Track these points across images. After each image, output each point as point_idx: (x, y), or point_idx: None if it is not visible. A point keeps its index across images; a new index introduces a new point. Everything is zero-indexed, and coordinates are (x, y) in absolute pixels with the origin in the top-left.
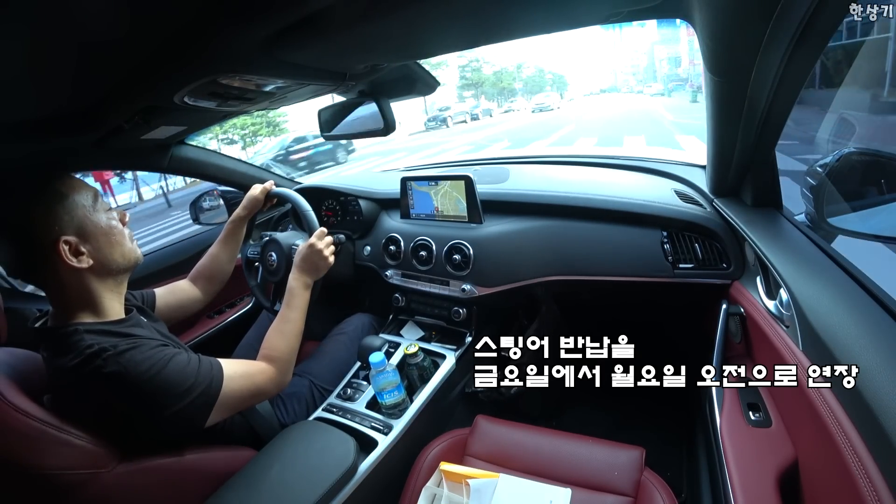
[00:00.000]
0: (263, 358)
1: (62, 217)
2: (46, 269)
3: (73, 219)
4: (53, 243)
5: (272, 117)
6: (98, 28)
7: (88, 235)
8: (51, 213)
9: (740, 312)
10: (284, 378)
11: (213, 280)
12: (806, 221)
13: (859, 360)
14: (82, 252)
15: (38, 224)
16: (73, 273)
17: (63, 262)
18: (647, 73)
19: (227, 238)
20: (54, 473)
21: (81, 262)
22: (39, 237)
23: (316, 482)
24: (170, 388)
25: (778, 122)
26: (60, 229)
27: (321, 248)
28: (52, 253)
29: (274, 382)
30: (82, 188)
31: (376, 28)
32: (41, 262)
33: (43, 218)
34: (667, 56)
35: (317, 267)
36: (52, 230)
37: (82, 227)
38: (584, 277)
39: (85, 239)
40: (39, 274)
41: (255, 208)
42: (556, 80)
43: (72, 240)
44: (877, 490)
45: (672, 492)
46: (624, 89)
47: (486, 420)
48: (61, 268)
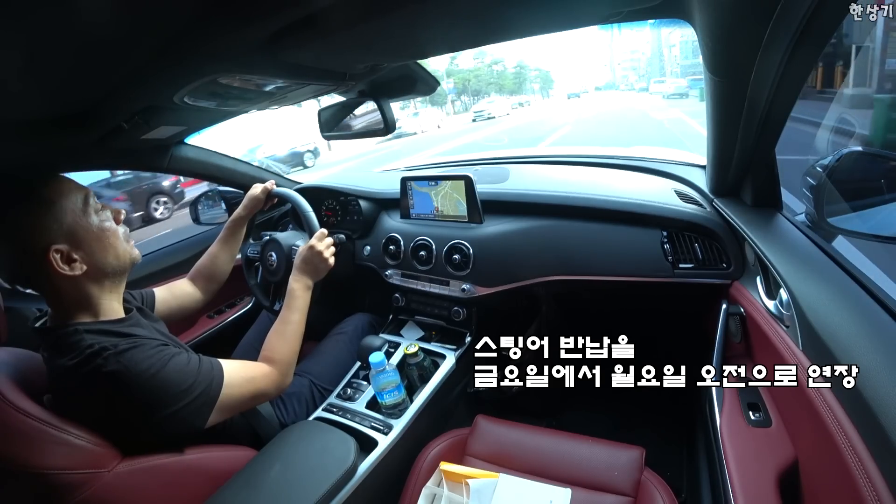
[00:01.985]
0: (264, 360)
1: (51, 225)
2: (40, 276)
3: (62, 226)
4: (44, 252)
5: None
6: (98, 28)
7: (80, 241)
8: (38, 222)
9: (740, 312)
10: (285, 380)
11: (213, 279)
12: (806, 221)
13: (859, 360)
14: (75, 259)
15: (27, 233)
16: (67, 280)
17: (55, 271)
18: (653, 65)
19: (227, 237)
20: (54, 473)
21: (74, 270)
22: (29, 246)
23: (316, 482)
24: (170, 387)
25: (778, 122)
26: (50, 238)
27: (321, 250)
28: (43, 262)
29: (275, 384)
30: (71, 191)
31: (376, 28)
32: (34, 271)
33: (31, 227)
34: (680, 41)
35: (317, 269)
36: (41, 239)
37: (73, 234)
38: (584, 277)
39: (77, 245)
40: (34, 281)
41: (256, 208)
42: (542, 77)
43: (63, 248)
44: (877, 490)
45: (672, 492)
46: (623, 86)
47: (486, 420)
48: (54, 275)
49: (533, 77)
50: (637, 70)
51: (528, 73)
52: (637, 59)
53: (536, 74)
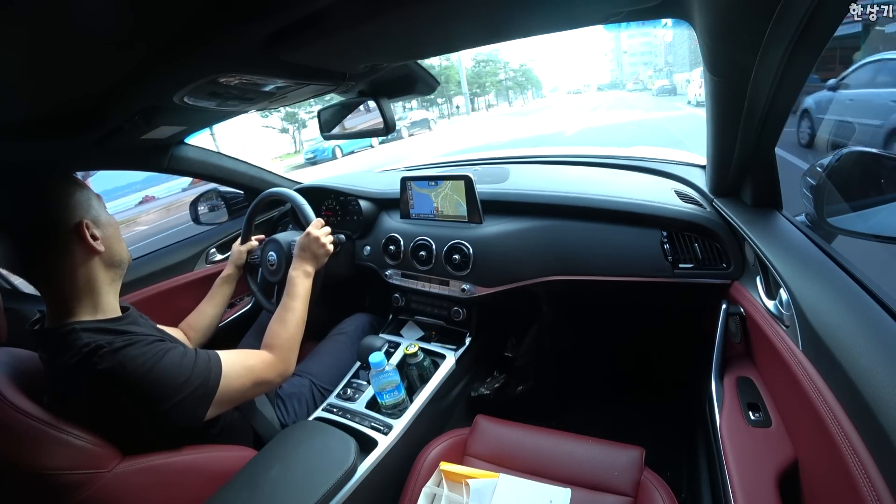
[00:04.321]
0: (265, 347)
1: (83, 203)
2: (57, 256)
3: (90, 207)
4: (76, 226)
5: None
6: (98, 28)
7: (101, 224)
8: (73, 199)
9: (740, 312)
10: (286, 366)
11: (200, 333)
12: (806, 221)
13: (859, 360)
14: (97, 237)
15: (62, 206)
16: (85, 259)
17: (83, 244)
18: (677, 54)
19: (214, 294)
20: (54, 473)
21: (99, 246)
22: (61, 219)
23: (316, 482)
24: (167, 381)
25: (778, 122)
26: (82, 213)
27: (318, 236)
28: (71, 236)
29: (275, 370)
30: (88, 187)
31: (376, 28)
32: (53, 249)
33: (66, 201)
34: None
35: (315, 255)
36: (75, 213)
37: (98, 217)
38: (584, 277)
39: (99, 226)
40: (47, 263)
41: (241, 262)
42: (526, 76)
43: (91, 223)
44: (877, 490)
45: (672, 492)
46: (632, 84)
47: (485, 420)
48: (77, 252)
49: (514, 77)
50: (652, 63)
51: (495, 69)
52: (651, 47)
53: (515, 74)
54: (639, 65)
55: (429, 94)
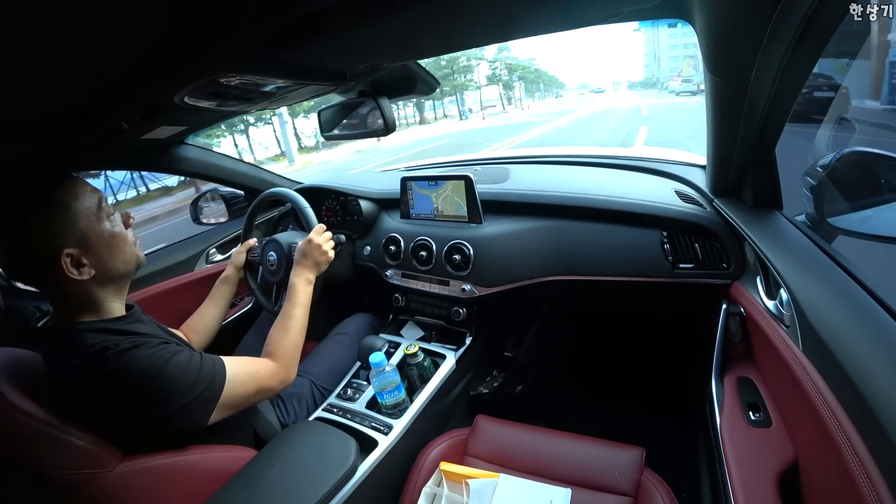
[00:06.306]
0: (267, 355)
1: (64, 230)
2: (47, 277)
3: (75, 231)
4: (55, 256)
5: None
6: (98, 28)
7: (91, 246)
8: (52, 226)
9: (740, 312)
10: (288, 374)
11: (202, 335)
12: (806, 221)
13: (860, 360)
14: (84, 264)
15: (39, 236)
16: (73, 283)
17: (64, 274)
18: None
19: (214, 295)
20: (54, 473)
21: (83, 275)
22: (42, 249)
23: (316, 482)
24: (172, 385)
25: (778, 122)
26: (63, 242)
27: (320, 243)
28: (53, 265)
29: (278, 378)
30: (86, 194)
31: (376, 28)
32: (42, 272)
33: (44, 230)
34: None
35: (317, 262)
36: (53, 243)
37: (85, 239)
38: (584, 277)
39: (87, 250)
40: (39, 281)
41: (240, 263)
42: (541, 75)
43: (74, 252)
44: (877, 490)
45: (672, 492)
46: (679, 83)
47: (486, 420)
48: (62, 279)
49: (523, 74)
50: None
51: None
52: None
53: (521, 71)
54: (681, 59)
55: (429, 93)
